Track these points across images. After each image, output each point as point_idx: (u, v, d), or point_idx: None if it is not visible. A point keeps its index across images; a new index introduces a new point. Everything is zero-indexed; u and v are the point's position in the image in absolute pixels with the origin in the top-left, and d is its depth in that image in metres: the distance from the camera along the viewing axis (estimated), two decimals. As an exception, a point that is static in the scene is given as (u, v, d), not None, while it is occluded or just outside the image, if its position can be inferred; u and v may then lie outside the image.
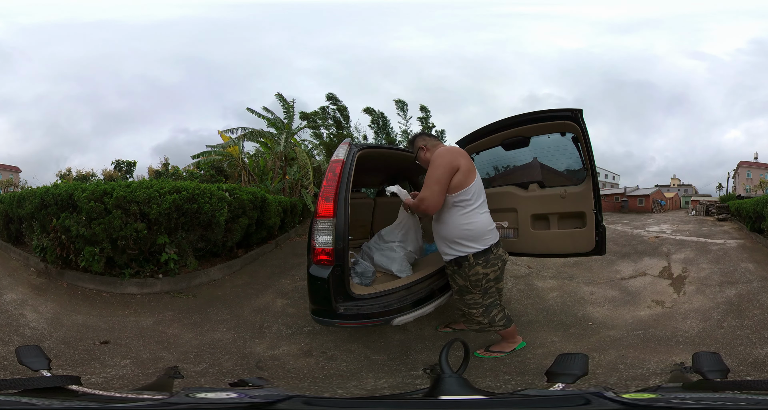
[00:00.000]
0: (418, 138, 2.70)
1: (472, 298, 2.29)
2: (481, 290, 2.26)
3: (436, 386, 0.73)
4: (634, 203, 32.43)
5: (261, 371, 2.38)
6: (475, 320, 2.35)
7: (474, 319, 2.36)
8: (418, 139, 2.69)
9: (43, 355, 0.97)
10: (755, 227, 6.71)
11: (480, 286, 2.24)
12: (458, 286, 2.31)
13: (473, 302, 2.30)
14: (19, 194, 4.59)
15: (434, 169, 2.22)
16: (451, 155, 2.26)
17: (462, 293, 2.32)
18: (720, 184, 38.67)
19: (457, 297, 2.37)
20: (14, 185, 24.01)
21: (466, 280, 2.24)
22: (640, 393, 0.78)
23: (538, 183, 3.07)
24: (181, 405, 0.72)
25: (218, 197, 3.87)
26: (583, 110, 2.60)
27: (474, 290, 2.26)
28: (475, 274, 2.21)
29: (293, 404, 0.68)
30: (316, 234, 2.24)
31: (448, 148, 2.41)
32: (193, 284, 3.97)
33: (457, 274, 2.27)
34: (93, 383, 2.12)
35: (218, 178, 13.01)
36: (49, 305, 3.19)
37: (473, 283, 2.24)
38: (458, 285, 2.31)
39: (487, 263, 2.22)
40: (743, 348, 2.46)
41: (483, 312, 2.31)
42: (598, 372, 2.25)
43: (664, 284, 4.10)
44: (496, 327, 2.39)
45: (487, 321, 2.34)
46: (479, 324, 2.37)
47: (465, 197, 2.22)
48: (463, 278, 2.25)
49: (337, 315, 2.21)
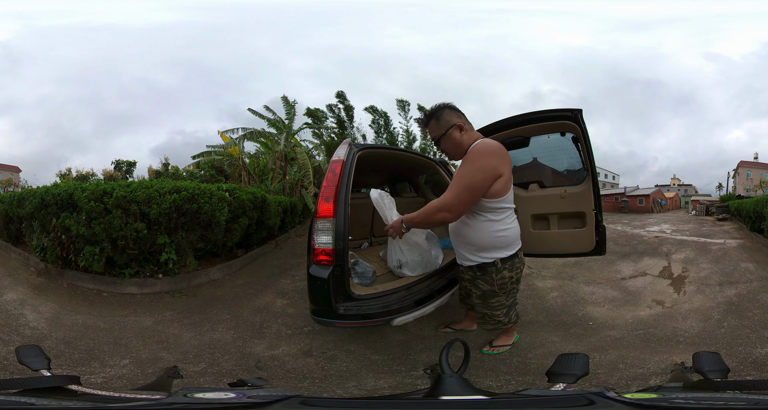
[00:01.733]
0: (448, 111, 2.06)
1: (497, 301, 2.19)
2: (506, 292, 2.17)
3: (437, 386, 0.73)
4: (634, 203, 32.44)
5: (260, 371, 2.38)
6: (496, 320, 2.27)
7: (494, 320, 2.27)
8: (449, 112, 2.05)
9: (42, 355, 0.97)
10: (755, 227, 6.71)
11: (506, 289, 2.15)
12: (482, 291, 2.18)
13: (498, 304, 2.21)
14: (19, 193, 4.58)
15: (473, 170, 1.87)
16: (500, 158, 1.92)
17: (486, 297, 2.19)
18: (720, 184, 38.68)
19: (479, 301, 2.24)
20: (14, 184, 24.01)
21: (493, 284, 2.12)
22: (642, 393, 0.78)
23: (538, 183, 3.07)
24: (179, 404, 0.72)
25: (218, 197, 3.87)
26: (586, 107, 2.60)
27: (500, 294, 2.16)
28: (502, 278, 2.10)
29: (291, 404, 0.68)
30: (316, 234, 2.23)
31: (494, 145, 1.96)
32: (193, 284, 3.97)
33: (481, 279, 2.14)
34: (92, 383, 2.12)
35: (218, 178, 13.01)
36: (49, 305, 3.19)
37: (500, 287, 2.12)
38: (482, 290, 2.17)
39: (513, 266, 2.11)
40: (743, 348, 2.46)
41: (506, 312, 2.26)
42: (599, 372, 2.25)
43: (664, 284, 4.10)
44: (509, 325, 2.35)
45: (507, 320, 2.29)
46: (498, 324, 2.29)
47: (504, 205, 1.99)
48: (489, 283, 2.13)
49: (337, 316, 2.20)
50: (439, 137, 2.06)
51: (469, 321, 2.82)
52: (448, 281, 2.70)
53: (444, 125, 2.04)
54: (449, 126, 2.02)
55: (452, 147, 2.05)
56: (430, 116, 2.10)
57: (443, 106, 2.10)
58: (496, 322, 2.29)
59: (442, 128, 2.04)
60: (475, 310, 2.37)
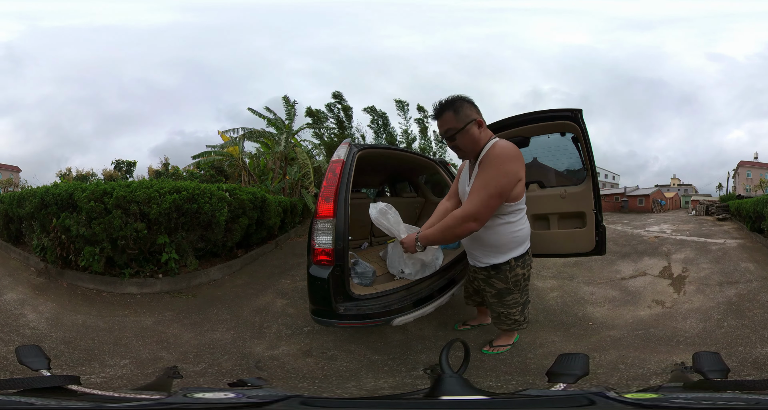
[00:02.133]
0: (468, 104, 1.90)
1: (512, 298, 2.20)
2: (519, 290, 2.19)
3: (437, 386, 0.73)
4: (634, 203, 32.46)
5: (260, 371, 2.38)
6: (512, 319, 2.27)
7: (510, 318, 2.27)
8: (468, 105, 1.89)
9: (42, 355, 0.97)
10: (755, 227, 6.71)
11: (519, 286, 2.17)
12: (497, 290, 2.18)
13: (513, 302, 2.21)
14: (19, 193, 4.59)
15: (499, 176, 1.79)
16: (520, 161, 1.87)
17: (502, 295, 2.19)
18: (720, 184, 38.70)
19: (495, 301, 2.23)
20: (14, 184, 24.01)
21: (508, 282, 2.13)
22: (642, 393, 0.78)
23: (538, 183, 3.07)
24: (178, 404, 0.72)
25: (218, 197, 3.87)
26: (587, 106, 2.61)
27: (515, 291, 2.17)
28: (515, 276, 2.12)
29: (290, 404, 0.68)
30: (316, 234, 2.23)
31: (514, 148, 1.87)
32: (193, 284, 3.97)
33: (495, 278, 2.14)
34: (92, 383, 2.12)
35: (218, 178, 13.00)
36: (49, 305, 3.18)
37: (514, 284, 2.14)
38: (496, 289, 2.17)
39: (525, 264, 2.13)
40: (743, 348, 2.46)
41: (521, 310, 2.27)
42: (599, 372, 2.25)
43: (664, 284, 4.10)
44: (524, 324, 2.34)
45: (523, 318, 2.30)
46: (515, 323, 2.29)
47: (520, 207, 2.01)
48: (503, 281, 2.13)
49: (337, 316, 2.20)
50: (456, 131, 1.88)
51: (483, 316, 2.83)
52: (448, 281, 2.70)
53: (463, 118, 1.88)
54: (469, 120, 1.87)
55: (468, 144, 1.92)
56: (447, 105, 1.89)
57: (461, 98, 1.91)
58: (512, 322, 2.29)
59: (460, 122, 1.87)
60: (491, 310, 2.36)
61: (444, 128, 1.93)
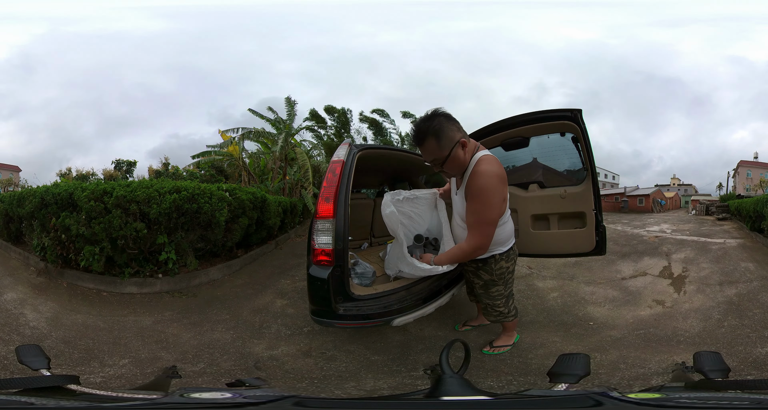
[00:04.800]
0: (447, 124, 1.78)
1: (496, 290, 2.32)
2: (503, 282, 2.30)
3: (437, 387, 0.73)
4: (634, 202, 32.46)
5: (259, 371, 2.38)
6: (497, 310, 2.38)
7: (495, 310, 2.38)
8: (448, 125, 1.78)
9: (42, 354, 0.97)
10: (755, 227, 6.70)
11: (503, 278, 2.28)
12: (483, 281, 2.31)
13: (497, 293, 2.33)
14: (19, 193, 4.58)
15: (492, 207, 1.86)
16: (504, 183, 1.90)
17: (488, 287, 2.32)
18: (720, 183, 38.67)
19: (482, 292, 2.38)
20: (14, 184, 24.01)
21: (492, 274, 2.25)
22: (645, 392, 0.78)
23: (538, 183, 3.07)
24: (174, 404, 0.71)
25: (218, 197, 3.86)
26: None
27: (499, 283, 2.29)
28: (500, 268, 2.24)
29: (286, 404, 0.68)
30: (315, 235, 2.23)
31: (498, 170, 1.87)
32: (192, 284, 3.97)
33: (482, 270, 2.28)
34: (92, 382, 2.12)
35: (218, 178, 13.00)
36: (48, 305, 3.18)
37: (498, 276, 2.26)
38: (483, 280, 2.31)
39: (509, 257, 2.26)
40: (744, 348, 2.46)
41: (505, 302, 2.36)
42: (601, 372, 2.25)
43: (664, 284, 4.10)
44: (509, 318, 2.43)
45: (507, 310, 2.39)
46: (500, 315, 2.40)
47: (505, 220, 2.16)
48: (489, 273, 2.26)
49: (337, 316, 2.20)
50: (442, 161, 1.83)
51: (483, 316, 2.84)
52: (448, 281, 2.70)
53: (447, 144, 1.78)
54: (452, 145, 1.79)
55: (455, 167, 1.92)
56: (428, 131, 1.78)
57: (440, 117, 1.79)
58: (497, 313, 2.39)
59: (444, 149, 1.79)
60: (480, 301, 2.46)
61: (429, 158, 1.90)
